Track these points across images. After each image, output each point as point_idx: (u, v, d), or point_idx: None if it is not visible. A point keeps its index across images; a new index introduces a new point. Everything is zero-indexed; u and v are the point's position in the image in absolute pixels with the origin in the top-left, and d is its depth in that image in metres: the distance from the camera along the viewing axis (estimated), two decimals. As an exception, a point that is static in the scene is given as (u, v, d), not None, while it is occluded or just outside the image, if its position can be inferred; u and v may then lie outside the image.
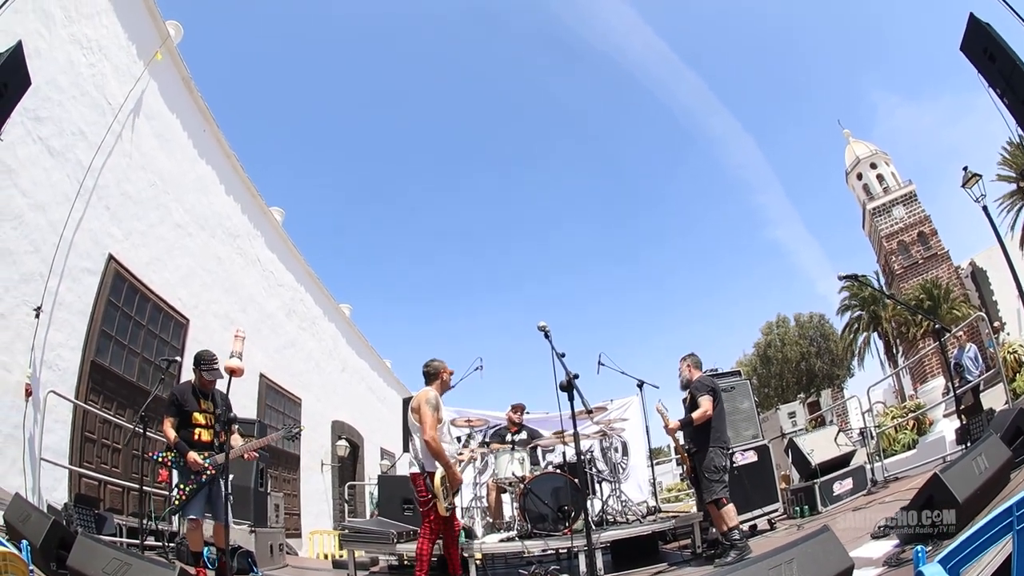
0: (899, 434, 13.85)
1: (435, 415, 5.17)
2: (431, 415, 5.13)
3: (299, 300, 15.93)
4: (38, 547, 4.15)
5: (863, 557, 3.80)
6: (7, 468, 6.19)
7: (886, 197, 51.00)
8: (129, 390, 8.62)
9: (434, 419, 5.14)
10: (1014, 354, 13.40)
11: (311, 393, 15.44)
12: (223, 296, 11.77)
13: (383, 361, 23.14)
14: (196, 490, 5.23)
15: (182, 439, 5.35)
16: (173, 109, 10.64)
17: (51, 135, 7.46)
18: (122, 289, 8.68)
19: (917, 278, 44.79)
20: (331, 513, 15.71)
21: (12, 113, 5.06)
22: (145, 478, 6.88)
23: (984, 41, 5.25)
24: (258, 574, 5.88)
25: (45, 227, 7.22)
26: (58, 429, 7.06)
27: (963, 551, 2.38)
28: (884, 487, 7.65)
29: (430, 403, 5.19)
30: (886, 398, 28.68)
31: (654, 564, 6.42)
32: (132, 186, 9.18)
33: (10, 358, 6.50)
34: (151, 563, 3.80)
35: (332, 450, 16.46)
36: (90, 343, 7.83)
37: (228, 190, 12.55)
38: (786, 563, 2.88)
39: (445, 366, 5.66)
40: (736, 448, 7.11)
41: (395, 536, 6.49)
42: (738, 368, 9.06)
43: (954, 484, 3.69)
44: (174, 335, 9.99)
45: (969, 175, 11.62)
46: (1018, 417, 5.14)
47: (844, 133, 56.73)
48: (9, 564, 2.80)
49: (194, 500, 5.24)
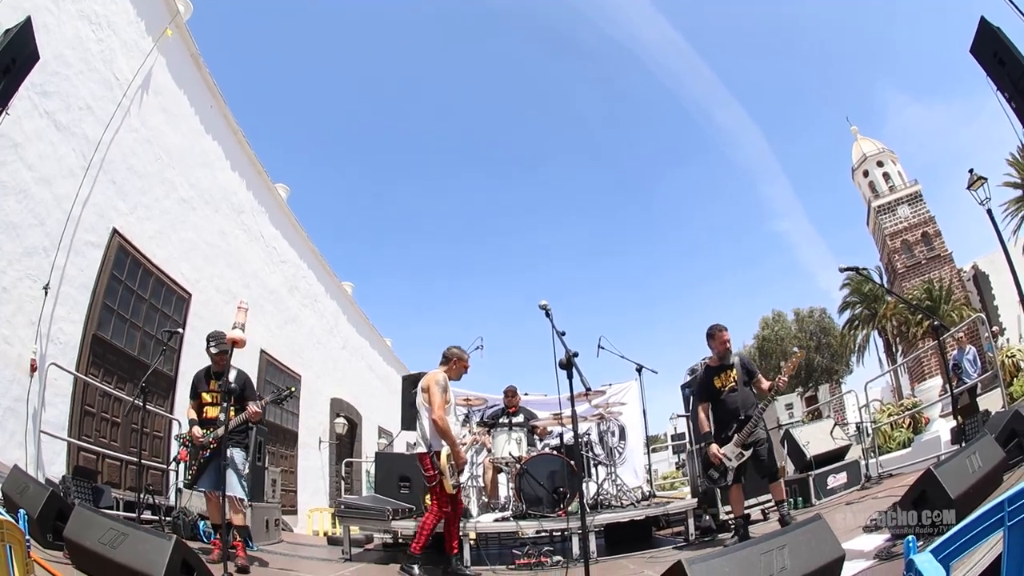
0: (895, 432, 13.91)
1: (443, 396, 5.29)
2: (440, 396, 5.25)
3: (301, 277, 15.95)
4: (35, 518, 4.21)
5: (855, 550, 3.81)
6: (6, 441, 6.25)
7: (891, 196, 50.87)
8: (130, 364, 8.65)
9: (442, 400, 5.25)
10: (1012, 358, 13.41)
11: (311, 370, 15.50)
12: (226, 271, 11.79)
13: (384, 340, 23.18)
14: (204, 465, 5.40)
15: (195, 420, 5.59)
16: (181, 85, 10.61)
17: (58, 109, 7.46)
18: (125, 263, 8.70)
19: (919, 278, 44.79)
20: (328, 491, 15.79)
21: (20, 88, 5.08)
22: (144, 452, 6.91)
23: (994, 45, 5.27)
24: (253, 549, 5.92)
25: (50, 201, 7.24)
26: (58, 403, 7.12)
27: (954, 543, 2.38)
28: (878, 483, 7.66)
29: (440, 384, 5.32)
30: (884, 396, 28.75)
31: (647, 549, 6.45)
32: (138, 160, 9.18)
33: (11, 332, 6.54)
34: (148, 533, 3.76)
35: (330, 427, 16.52)
36: (92, 316, 7.87)
37: (234, 166, 12.54)
38: (778, 549, 2.90)
39: (463, 355, 5.75)
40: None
41: (391, 513, 6.51)
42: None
43: (947, 481, 3.69)
44: (176, 309, 10.02)
45: (975, 177, 11.59)
46: (1013, 420, 5.16)
47: (852, 130, 56.52)
48: (6, 533, 2.80)
49: (204, 474, 5.42)
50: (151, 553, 3.47)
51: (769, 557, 2.84)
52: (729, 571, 2.72)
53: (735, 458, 5.66)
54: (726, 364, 5.98)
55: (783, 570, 2.83)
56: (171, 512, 7.02)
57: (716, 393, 5.92)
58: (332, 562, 6.53)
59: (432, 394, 5.28)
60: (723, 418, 5.87)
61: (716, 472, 5.78)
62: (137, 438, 7.78)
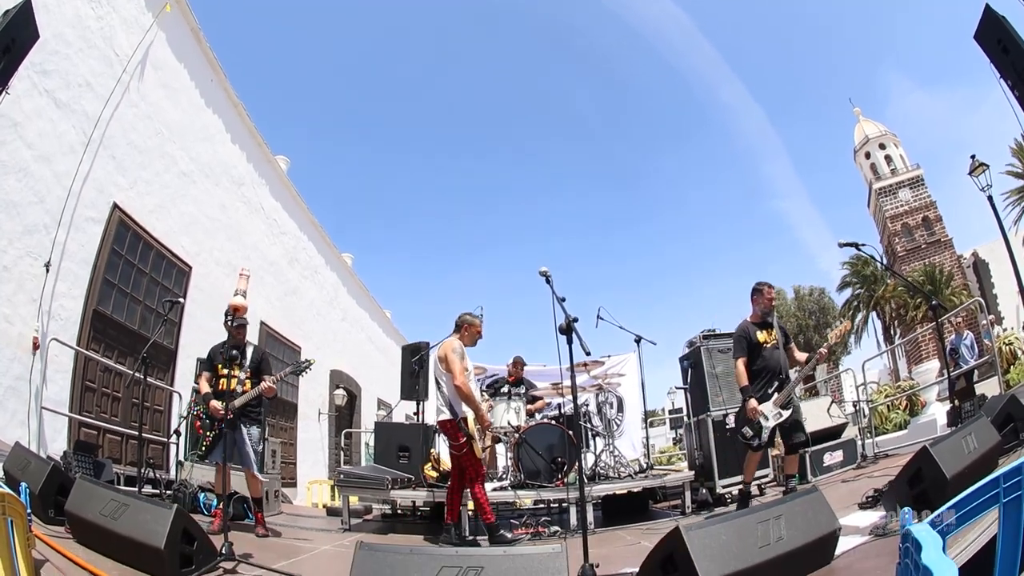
0: (891, 413, 13.93)
1: (461, 363, 5.30)
2: (459, 362, 5.26)
3: (301, 248, 15.92)
4: (37, 494, 4.22)
5: (850, 525, 3.83)
6: (8, 420, 6.28)
7: (893, 178, 50.81)
8: (130, 338, 8.68)
9: (461, 366, 5.27)
10: (1010, 346, 13.43)
11: (311, 341, 15.49)
12: (226, 243, 11.79)
13: (383, 311, 23.17)
14: (218, 436, 5.53)
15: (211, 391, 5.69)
16: (181, 60, 10.57)
17: (57, 87, 7.44)
18: (125, 237, 8.71)
19: (919, 262, 44.81)
20: (327, 463, 15.86)
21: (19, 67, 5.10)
22: (144, 426, 6.94)
23: (998, 32, 5.29)
24: (252, 520, 5.99)
25: (50, 178, 7.24)
26: (59, 379, 7.15)
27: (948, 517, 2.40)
28: (873, 463, 7.70)
29: (456, 351, 5.33)
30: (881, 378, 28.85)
31: (644, 521, 6.50)
32: (138, 135, 9.17)
33: (12, 310, 6.55)
34: (149, 503, 3.80)
35: (329, 399, 16.57)
36: (93, 292, 7.89)
37: (234, 139, 12.51)
38: (774, 518, 2.94)
39: (475, 321, 5.71)
40: (730, 410, 7.08)
41: (390, 482, 6.56)
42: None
43: (943, 459, 3.70)
44: (176, 282, 10.03)
45: (976, 163, 11.58)
46: (1009, 404, 5.16)
47: (855, 111, 56.38)
48: (7, 506, 2.80)
49: (216, 446, 5.56)
50: (152, 523, 3.51)
51: (766, 526, 2.88)
52: (726, 538, 2.76)
53: (772, 418, 5.51)
54: (768, 323, 5.87)
55: (779, 540, 2.88)
56: (171, 485, 7.06)
57: (758, 348, 5.72)
58: (331, 532, 6.57)
59: (451, 361, 5.27)
60: (764, 375, 5.67)
61: (751, 430, 5.56)
62: (138, 412, 7.84)
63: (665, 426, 21.75)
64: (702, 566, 2.60)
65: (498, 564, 2.59)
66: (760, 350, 5.70)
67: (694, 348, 7.60)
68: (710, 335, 7.59)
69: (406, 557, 2.69)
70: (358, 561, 2.73)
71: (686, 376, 7.74)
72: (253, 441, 5.75)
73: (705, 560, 2.63)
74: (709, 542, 2.73)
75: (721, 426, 7.05)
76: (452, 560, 2.64)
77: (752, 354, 5.71)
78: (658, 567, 2.90)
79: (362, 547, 2.81)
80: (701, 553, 2.65)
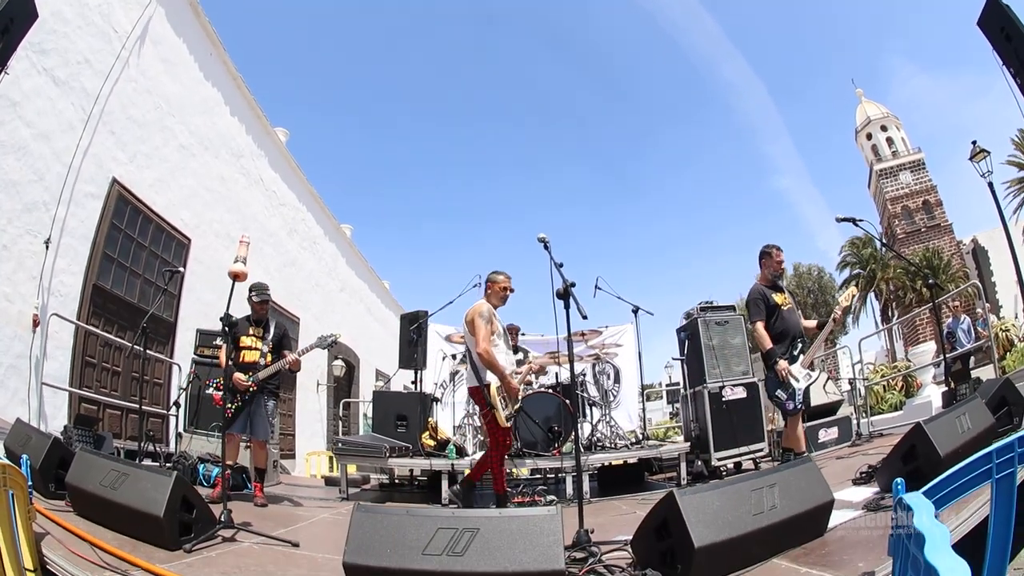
0: (887, 393, 14.02)
1: (488, 327, 5.13)
2: (484, 327, 5.09)
3: (300, 220, 15.90)
4: (37, 468, 4.20)
5: (843, 500, 3.85)
6: (9, 399, 6.33)
7: (894, 160, 50.58)
8: (130, 312, 8.71)
9: (487, 331, 5.10)
10: (1006, 332, 13.47)
11: (309, 312, 15.52)
12: (225, 215, 11.78)
13: (382, 282, 23.13)
14: (240, 408, 5.67)
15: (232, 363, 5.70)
16: (180, 34, 10.54)
17: (56, 66, 7.43)
18: (125, 212, 8.73)
19: (918, 245, 44.74)
20: (325, 434, 15.93)
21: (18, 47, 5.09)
22: (144, 400, 6.97)
23: (1002, 20, 5.28)
24: (251, 490, 6.01)
25: (49, 156, 7.25)
26: (59, 355, 7.20)
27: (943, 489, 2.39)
28: (868, 441, 7.75)
29: (483, 316, 5.14)
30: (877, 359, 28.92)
31: (639, 492, 6.53)
32: (137, 110, 9.16)
33: (12, 289, 6.59)
34: (148, 471, 3.81)
35: (328, 370, 16.61)
36: (92, 267, 7.93)
37: (233, 111, 12.48)
38: (768, 487, 2.96)
39: (498, 278, 5.48)
40: (726, 382, 7.16)
41: (387, 450, 6.60)
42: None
43: (936, 437, 3.71)
44: (176, 255, 10.05)
45: (977, 149, 11.57)
46: (1004, 387, 5.17)
47: (857, 92, 56.00)
48: (8, 478, 2.80)
49: (238, 418, 5.67)
50: (151, 491, 3.52)
51: (759, 494, 2.91)
52: (719, 505, 2.79)
53: (803, 379, 5.33)
54: (779, 286, 5.70)
55: (772, 508, 2.90)
56: (171, 458, 7.09)
57: (776, 310, 5.52)
58: (329, 501, 6.62)
59: (476, 327, 5.09)
60: (786, 337, 5.47)
61: (784, 394, 5.35)
62: (137, 386, 7.88)
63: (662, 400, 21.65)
64: (696, 531, 2.63)
65: (494, 525, 2.63)
66: (778, 311, 5.52)
67: (691, 320, 7.59)
68: (707, 307, 7.59)
69: (403, 518, 2.72)
70: (355, 522, 2.76)
71: (683, 348, 7.74)
72: (269, 412, 5.89)
73: (699, 526, 2.66)
74: (703, 508, 2.75)
75: (717, 398, 7.08)
76: (448, 522, 2.67)
77: (770, 317, 5.52)
78: (652, 533, 2.93)
79: (359, 508, 2.84)
80: (695, 519, 2.67)
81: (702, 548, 2.61)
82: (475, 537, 2.60)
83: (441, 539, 2.61)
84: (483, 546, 2.58)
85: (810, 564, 2.76)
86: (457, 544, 2.58)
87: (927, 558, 1.66)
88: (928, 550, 1.68)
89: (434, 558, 2.57)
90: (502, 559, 2.54)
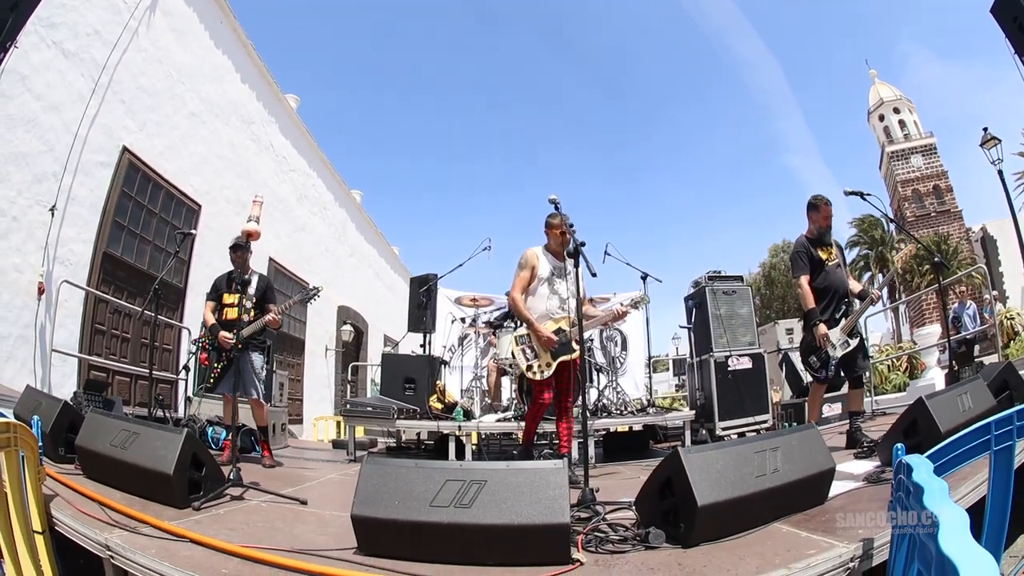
0: (891, 374, 14.06)
1: (524, 273, 4.97)
2: (517, 274, 5.00)
3: (311, 185, 15.94)
4: (48, 432, 4.23)
5: (845, 472, 3.88)
6: (18, 369, 6.42)
7: (906, 144, 50.34)
8: (140, 278, 8.80)
9: (520, 277, 4.98)
10: (1011, 320, 13.44)
11: (318, 277, 15.44)
12: (236, 181, 11.84)
13: (391, 248, 23.17)
14: (227, 367, 5.49)
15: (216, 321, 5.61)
16: (190, 3, 10.53)
17: (65, 39, 7.46)
18: (135, 179, 8.81)
19: (928, 229, 44.50)
20: (333, 400, 16.09)
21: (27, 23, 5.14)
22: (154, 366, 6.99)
23: (1015, 10, 5.27)
24: (259, 451, 6.06)
25: (59, 127, 7.29)
26: (69, 324, 7.28)
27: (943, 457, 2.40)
28: (871, 419, 7.76)
29: (521, 263, 5.02)
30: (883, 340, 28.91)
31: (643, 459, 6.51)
32: (147, 79, 9.19)
33: (22, 259, 6.67)
34: (159, 429, 3.83)
35: (337, 335, 16.75)
36: (102, 235, 8.01)
37: (244, 78, 12.48)
38: (771, 450, 2.99)
39: (551, 221, 5.01)
40: (733, 352, 7.16)
41: (396, 412, 6.65)
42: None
43: (938, 412, 3.71)
44: (186, 221, 10.13)
45: (988, 136, 11.55)
46: (1005, 371, 5.14)
47: (870, 73, 55.58)
48: (19, 438, 2.80)
49: (224, 377, 5.51)
50: (161, 449, 3.52)
51: (762, 457, 2.94)
52: (723, 464, 2.82)
53: (840, 346, 5.07)
54: (826, 241, 5.34)
55: (775, 471, 2.94)
56: (180, 422, 7.12)
57: (820, 265, 5.23)
58: (337, 463, 6.67)
59: (514, 274, 5.03)
60: (828, 296, 5.20)
61: (818, 360, 5.14)
62: (147, 352, 7.91)
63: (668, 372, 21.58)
64: (699, 490, 2.65)
65: (501, 478, 2.66)
66: (823, 267, 5.23)
67: (699, 288, 7.58)
68: (716, 276, 7.58)
69: (411, 470, 2.76)
70: (364, 474, 2.80)
71: (690, 316, 7.75)
72: (257, 369, 5.65)
73: (703, 484, 2.68)
74: (707, 467, 2.77)
75: (723, 367, 7.09)
76: (456, 474, 2.71)
77: (814, 272, 5.24)
78: (656, 492, 2.97)
79: (369, 460, 2.89)
80: (699, 477, 2.69)
81: (705, 507, 2.63)
82: (482, 489, 2.63)
83: (449, 491, 2.64)
84: (490, 498, 2.61)
85: (811, 529, 2.79)
86: (464, 496, 2.62)
87: (927, 504, 1.69)
88: (927, 499, 1.71)
89: (442, 510, 2.61)
90: (508, 511, 2.57)
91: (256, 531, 3.20)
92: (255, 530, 3.22)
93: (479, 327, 8.49)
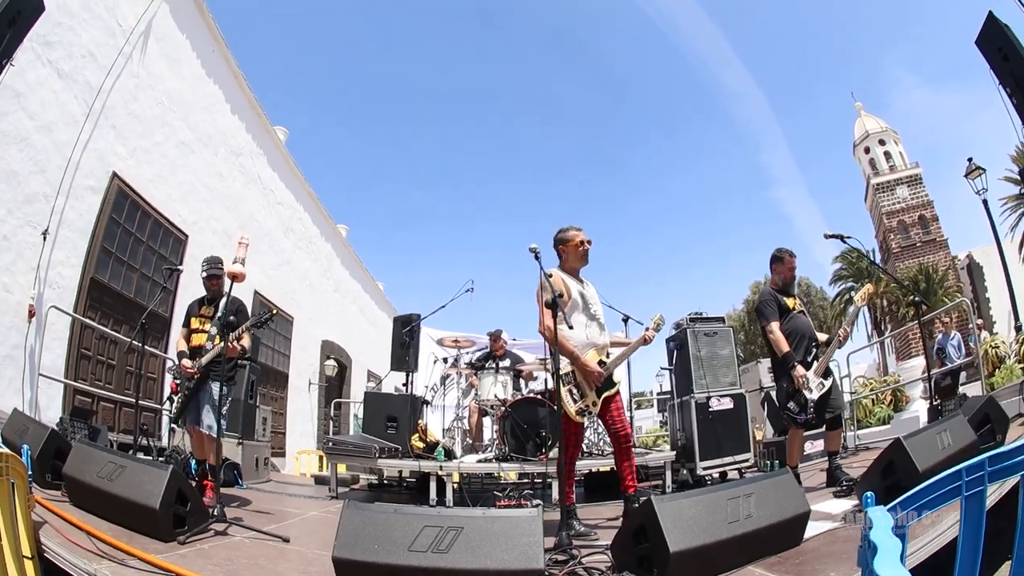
0: (875, 407, 14.11)
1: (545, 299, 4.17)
2: (540, 303, 4.33)
3: (297, 219, 15.91)
4: (35, 458, 4.24)
5: (823, 512, 3.93)
6: (4, 388, 6.36)
7: (891, 175, 51.12)
8: (126, 306, 8.76)
9: (543, 306, 4.23)
10: (996, 349, 13.57)
11: (303, 312, 15.57)
12: (223, 213, 11.82)
13: (376, 284, 23.14)
14: (188, 398, 5.21)
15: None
16: (184, 30, 10.58)
17: (61, 58, 7.48)
18: (124, 206, 8.78)
19: (913, 260, 45.05)
20: (316, 434, 15.98)
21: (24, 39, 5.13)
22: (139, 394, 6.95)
23: (1000, 40, 5.32)
24: (243, 486, 6.02)
25: (51, 148, 7.30)
26: (55, 347, 7.23)
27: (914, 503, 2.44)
28: (854, 454, 7.80)
29: (543, 287, 4.30)
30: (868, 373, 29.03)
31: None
32: (139, 106, 9.20)
33: (11, 279, 6.63)
34: (145, 464, 3.90)
35: (320, 369, 16.64)
36: (90, 260, 7.97)
37: (233, 109, 12.51)
38: (744, 496, 3.05)
39: (571, 234, 4.70)
40: (713, 393, 7.19)
41: (377, 450, 6.65)
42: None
43: (916, 452, 3.74)
44: (173, 250, 10.11)
45: (973, 167, 11.75)
46: (987, 404, 5.15)
47: (856, 106, 56.58)
48: (10, 468, 2.84)
49: (188, 407, 5.24)
50: (148, 484, 3.60)
51: (736, 503, 2.99)
52: (695, 513, 2.87)
53: (815, 388, 5.13)
54: (791, 292, 5.63)
55: (748, 517, 2.99)
56: (163, 452, 7.09)
57: (787, 312, 5.44)
58: (319, 499, 6.69)
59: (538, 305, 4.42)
60: (797, 339, 5.33)
61: (796, 406, 5.17)
62: (132, 380, 7.92)
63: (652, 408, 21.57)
64: (672, 537, 2.71)
65: (478, 525, 2.72)
66: (789, 313, 5.45)
67: (681, 330, 7.62)
68: (697, 318, 7.62)
69: (391, 516, 2.81)
70: (345, 518, 2.85)
71: (671, 357, 7.79)
72: (214, 399, 5.04)
73: (675, 532, 2.75)
74: (679, 515, 2.84)
75: (704, 408, 7.12)
76: (434, 520, 2.76)
77: (781, 318, 5.42)
78: (630, 537, 3.02)
79: (349, 505, 2.94)
80: (672, 524, 2.76)
81: (677, 553, 2.69)
82: (459, 535, 2.69)
83: (427, 536, 2.70)
84: (467, 544, 2.67)
85: (783, 572, 2.84)
86: (442, 542, 2.68)
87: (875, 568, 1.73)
88: (877, 561, 1.76)
89: (420, 555, 2.66)
90: (484, 557, 2.63)
91: (240, 568, 3.24)
92: (239, 567, 3.27)
93: (461, 367, 8.53)
